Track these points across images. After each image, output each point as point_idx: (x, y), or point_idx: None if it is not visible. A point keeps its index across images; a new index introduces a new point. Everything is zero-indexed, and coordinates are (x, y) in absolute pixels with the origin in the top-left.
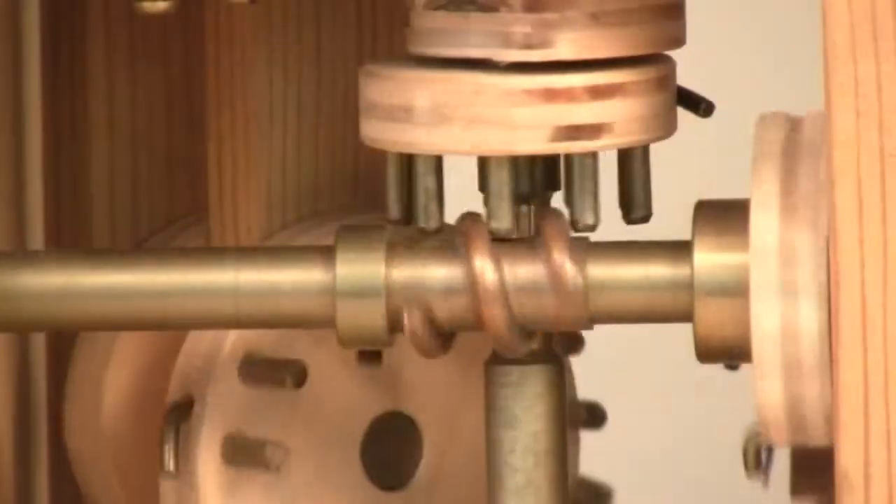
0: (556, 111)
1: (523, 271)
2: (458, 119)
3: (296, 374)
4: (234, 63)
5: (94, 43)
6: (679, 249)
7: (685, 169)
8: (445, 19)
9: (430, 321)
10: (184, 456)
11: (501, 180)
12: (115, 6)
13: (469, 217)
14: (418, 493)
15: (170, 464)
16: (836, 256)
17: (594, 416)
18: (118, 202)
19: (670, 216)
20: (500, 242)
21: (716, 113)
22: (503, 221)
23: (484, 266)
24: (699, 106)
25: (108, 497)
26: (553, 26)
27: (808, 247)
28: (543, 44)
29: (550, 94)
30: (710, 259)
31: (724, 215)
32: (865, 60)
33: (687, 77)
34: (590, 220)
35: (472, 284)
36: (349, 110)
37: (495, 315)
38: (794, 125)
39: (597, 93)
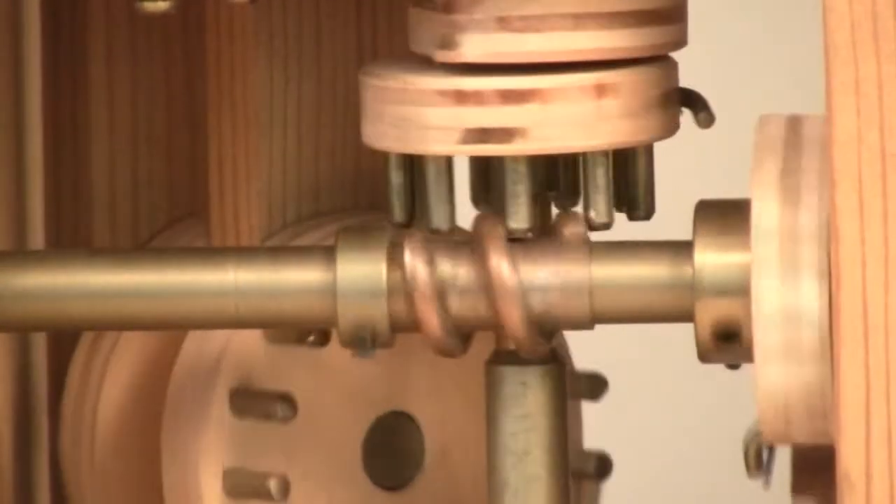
0: (466, 114)
1: (458, 271)
2: (387, 117)
3: (286, 407)
4: (235, 63)
5: (95, 43)
6: (680, 249)
7: (685, 169)
8: (414, 16)
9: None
10: (185, 490)
11: (439, 178)
12: (115, 6)
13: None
14: (419, 492)
15: None
16: (837, 256)
17: (594, 387)
18: (118, 202)
19: (670, 216)
20: (438, 243)
21: (716, 113)
22: (441, 222)
23: (416, 266)
24: (698, 113)
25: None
26: (461, 28)
27: (808, 243)
28: (453, 45)
29: (460, 97)
30: (710, 259)
31: (724, 215)
32: (866, 60)
33: (687, 77)
34: (602, 218)
35: (406, 285)
36: (349, 110)
37: (429, 315)
38: (793, 124)
39: (509, 97)
